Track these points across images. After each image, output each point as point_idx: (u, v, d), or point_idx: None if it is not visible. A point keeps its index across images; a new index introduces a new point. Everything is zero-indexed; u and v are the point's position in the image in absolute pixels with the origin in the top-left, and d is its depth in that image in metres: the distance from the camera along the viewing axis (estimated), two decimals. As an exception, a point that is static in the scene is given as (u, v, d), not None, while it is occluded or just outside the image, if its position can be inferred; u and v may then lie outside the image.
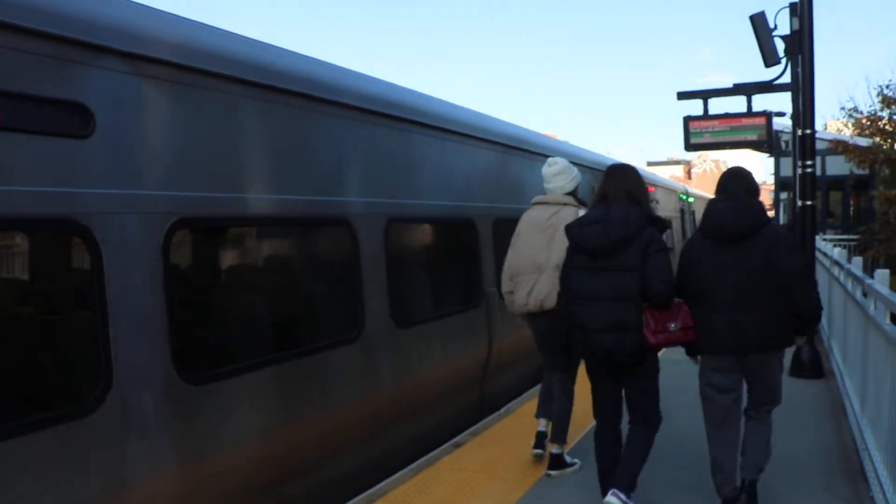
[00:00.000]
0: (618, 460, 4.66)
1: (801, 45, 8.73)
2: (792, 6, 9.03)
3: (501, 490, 5.38)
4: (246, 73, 4.94)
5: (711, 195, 4.89)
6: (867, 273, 6.67)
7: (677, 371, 6.05)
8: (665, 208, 19.35)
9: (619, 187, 4.65)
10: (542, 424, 5.88)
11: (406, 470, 5.91)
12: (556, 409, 5.68)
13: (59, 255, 4.07)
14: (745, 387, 4.64)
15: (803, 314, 4.40)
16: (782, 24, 9.30)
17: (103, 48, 4.00)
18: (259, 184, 5.07)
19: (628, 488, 4.49)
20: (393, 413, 6.32)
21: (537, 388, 8.45)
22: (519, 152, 9.46)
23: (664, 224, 4.69)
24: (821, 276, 10.46)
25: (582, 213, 5.25)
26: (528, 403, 7.78)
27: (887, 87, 19.56)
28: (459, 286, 7.91)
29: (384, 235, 6.26)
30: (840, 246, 14.15)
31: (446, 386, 7.25)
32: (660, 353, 4.76)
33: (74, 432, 3.74)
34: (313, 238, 5.84)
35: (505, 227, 8.75)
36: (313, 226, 5.71)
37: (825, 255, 10.40)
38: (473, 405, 7.92)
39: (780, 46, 9.27)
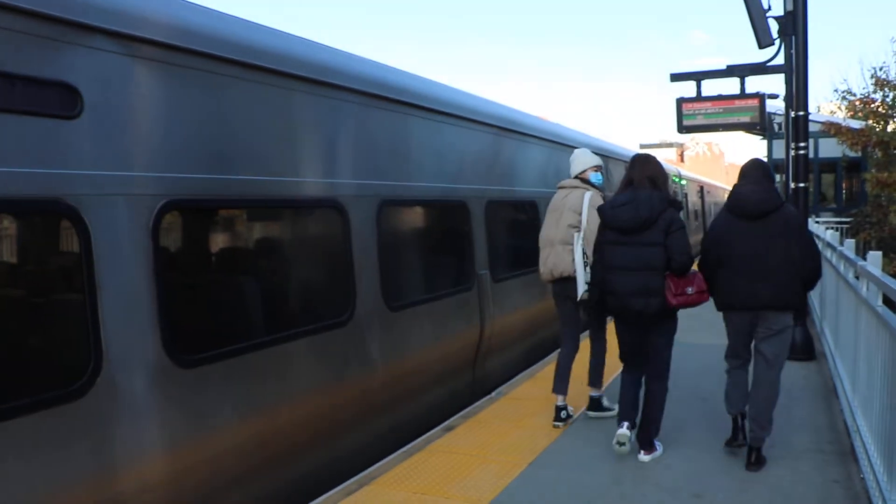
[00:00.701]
0: (636, 398, 5.62)
1: (794, 27, 8.69)
2: (785, -13, 8.98)
3: (493, 473, 5.38)
4: (236, 54, 4.88)
5: (704, 178, 5.38)
6: (859, 255, 6.66)
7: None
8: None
9: (642, 174, 5.45)
10: (560, 399, 6.44)
11: (398, 453, 5.91)
12: (591, 358, 6.51)
13: (46, 237, 4.02)
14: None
15: (808, 281, 5.26)
16: (776, 5, 9.26)
17: (92, 28, 3.94)
18: (250, 166, 5.01)
19: (652, 440, 5.56)
20: (384, 396, 6.31)
21: (529, 371, 8.51)
22: (511, 134, 9.41)
23: (680, 206, 5.51)
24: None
25: (589, 194, 6.29)
26: (521, 387, 7.80)
27: (881, 69, 19.55)
28: (452, 269, 7.88)
29: (376, 217, 6.23)
30: (832, 228, 14.16)
31: (438, 369, 7.24)
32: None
33: (64, 416, 3.72)
34: (305, 220, 5.79)
35: (498, 210, 8.73)
36: (305, 208, 5.66)
37: (818, 237, 10.40)
38: (465, 388, 7.92)
39: (774, 27, 9.22)
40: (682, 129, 11.27)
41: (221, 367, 4.66)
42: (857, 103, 21.10)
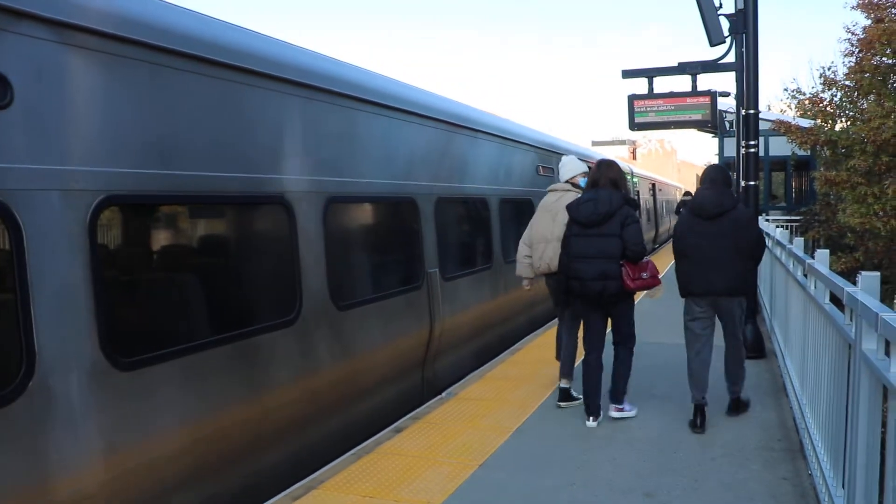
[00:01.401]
0: (599, 381, 6.30)
1: (745, 25, 8.74)
2: (736, -15, 9.03)
3: (443, 475, 5.30)
4: (179, 45, 4.72)
5: (656, 175, 5.89)
6: (808, 253, 6.74)
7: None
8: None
9: (605, 176, 6.28)
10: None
11: (346, 455, 5.80)
12: (564, 351, 6.99)
13: None
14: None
15: (757, 261, 6.26)
16: (727, 3, 9.32)
17: (22, 13, 3.77)
18: (192, 160, 4.86)
19: (621, 397, 6.39)
20: (332, 397, 6.19)
21: (480, 371, 8.46)
22: (462, 130, 9.33)
23: (636, 204, 6.34)
24: (764, 257, 10.52)
25: None
26: (471, 387, 7.73)
27: (829, 69, 19.84)
28: (400, 267, 7.78)
29: (323, 215, 6.10)
30: (782, 226, 14.30)
31: (387, 369, 7.14)
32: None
33: None
34: (249, 217, 5.64)
35: (448, 207, 8.64)
36: (249, 204, 5.51)
37: (768, 235, 10.49)
38: (415, 389, 7.83)
39: (725, 25, 9.27)
40: (634, 126, 11.30)
41: (163, 368, 4.51)
42: (807, 102, 21.39)
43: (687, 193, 24.69)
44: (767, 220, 15.18)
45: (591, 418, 6.24)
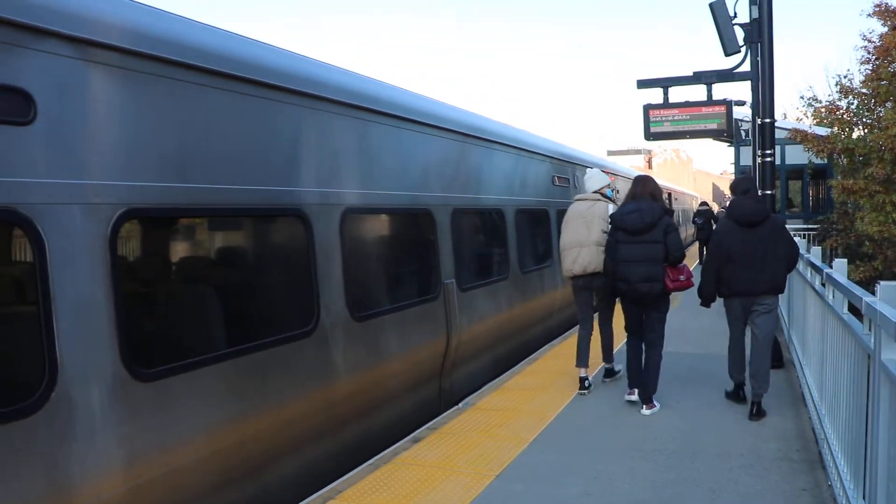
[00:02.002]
0: (640, 363, 7.12)
1: (760, 34, 8.74)
2: (751, -6, 9.03)
3: (460, 486, 5.29)
4: (198, 60, 4.78)
5: (672, 185, 6.15)
6: (826, 262, 6.77)
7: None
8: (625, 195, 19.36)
9: (644, 190, 7.05)
10: (583, 372, 7.75)
11: (364, 466, 5.80)
12: (603, 338, 8.06)
13: None
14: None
15: (791, 266, 6.79)
16: (742, 13, 9.31)
17: (45, 31, 3.83)
18: (211, 174, 4.90)
19: (651, 397, 6.98)
20: (350, 407, 6.21)
21: (497, 381, 8.45)
22: (477, 141, 9.35)
23: (672, 213, 7.04)
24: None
25: (611, 206, 7.65)
26: (489, 397, 7.73)
27: (845, 77, 19.79)
28: (417, 278, 7.80)
29: (340, 226, 6.13)
30: (799, 235, 14.23)
31: (404, 380, 7.15)
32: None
33: (16, 433, 3.59)
34: (267, 229, 5.69)
35: (464, 218, 8.65)
36: (267, 217, 5.56)
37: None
38: (432, 399, 7.83)
39: (740, 35, 9.27)
40: (650, 136, 11.26)
41: (183, 380, 4.55)
42: (823, 110, 21.31)
43: (703, 203, 24.57)
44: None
45: (635, 392, 7.12)
